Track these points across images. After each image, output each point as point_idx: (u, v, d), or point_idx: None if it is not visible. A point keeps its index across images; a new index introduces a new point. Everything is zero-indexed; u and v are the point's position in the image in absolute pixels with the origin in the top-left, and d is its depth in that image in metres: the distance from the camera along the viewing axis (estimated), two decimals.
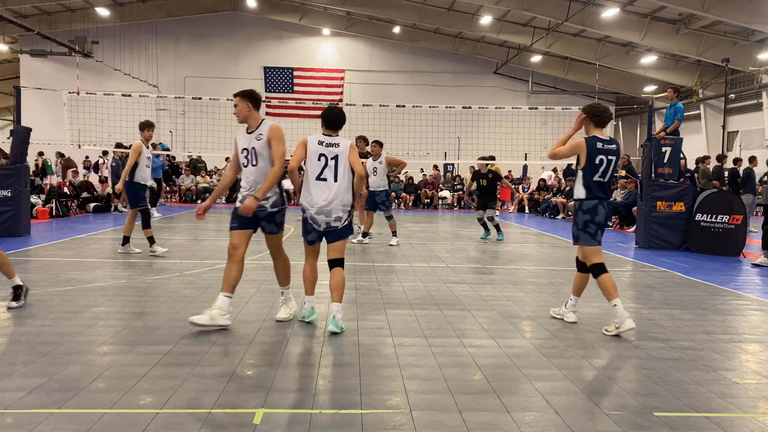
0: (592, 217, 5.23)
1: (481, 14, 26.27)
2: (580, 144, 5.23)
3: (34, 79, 28.10)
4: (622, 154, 5.37)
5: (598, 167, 5.18)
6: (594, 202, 5.23)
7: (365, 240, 11.04)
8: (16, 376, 3.82)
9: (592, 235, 5.26)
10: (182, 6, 30.74)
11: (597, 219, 5.23)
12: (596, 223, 5.24)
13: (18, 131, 11.39)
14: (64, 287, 6.58)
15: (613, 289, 5.11)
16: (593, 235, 5.27)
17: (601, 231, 5.30)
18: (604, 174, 5.22)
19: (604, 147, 5.19)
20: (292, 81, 31.42)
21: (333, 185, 4.95)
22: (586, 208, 5.24)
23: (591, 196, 5.23)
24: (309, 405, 3.47)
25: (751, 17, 20.01)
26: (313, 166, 4.99)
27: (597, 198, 5.22)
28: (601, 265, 5.24)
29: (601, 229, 5.31)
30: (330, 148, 4.99)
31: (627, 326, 5.01)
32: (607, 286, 5.14)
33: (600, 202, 5.23)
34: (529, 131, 22.90)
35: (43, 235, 11.54)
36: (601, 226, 5.29)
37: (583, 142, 5.23)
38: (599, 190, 5.23)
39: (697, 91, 27.26)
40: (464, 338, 4.94)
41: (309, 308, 5.24)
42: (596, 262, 5.26)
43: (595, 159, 5.16)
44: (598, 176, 5.20)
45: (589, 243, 5.28)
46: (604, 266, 5.25)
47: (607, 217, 5.33)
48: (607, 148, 5.21)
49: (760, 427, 3.35)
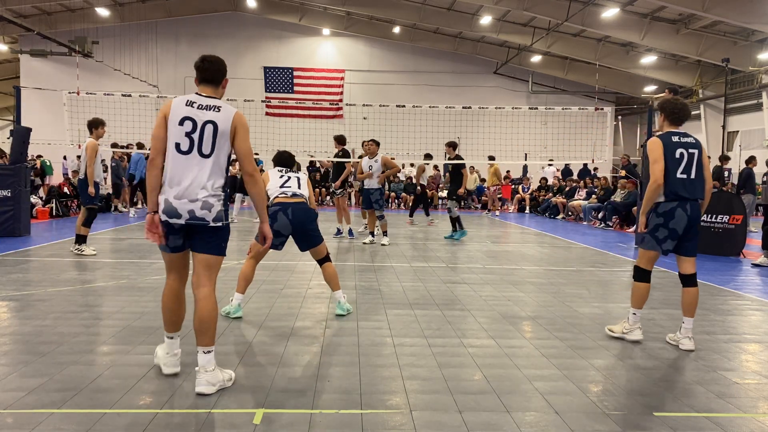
0: (666, 221, 4.69)
1: (481, 14, 26.27)
2: (657, 143, 4.71)
3: (34, 79, 28.11)
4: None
5: (680, 161, 4.66)
6: (673, 204, 4.67)
7: (374, 240, 11.10)
8: (16, 376, 3.82)
9: (660, 241, 4.75)
10: (182, 6, 30.75)
11: (672, 224, 4.67)
12: (669, 229, 4.69)
13: (18, 131, 11.38)
14: (64, 287, 6.57)
15: (642, 301, 4.88)
16: (661, 241, 4.75)
17: (673, 240, 4.73)
18: (688, 169, 4.67)
19: (681, 140, 4.71)
20: (292, 81, 31.42)
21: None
22: (662, 211, 4.71)
23: (672, 197, 4.68)
24: (309, 405, 3.47)
25: (751, 17, 20.02)
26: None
27: (678, 199, 4.67)
28: (647, 273, 4.88)
29: (676, 237, 4.72)
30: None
31: (634, 337, 4.90)
32: (641, 294, 4.87)
33: (680, 204, 4.66)
34: (529, 131, 22.90)
35: (43, 235, 11.54)
36: (675, 234, 4.71)
37: (657, 140, 4.73)
38: (683, 189, 4.66)
39: (697, 91, 27.27)
40: (464, 338, 4.93)
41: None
42: (645, 267, 4.88)
43: (675, 153, 4.67)
44: (681, 172, 4.66)
45: (652, 248, 4.79)
46: (649, 276, 4.90)
47: (689, 224, 4.70)
48: (685, 141, 4.71)
49: (760, 427, 3.35)
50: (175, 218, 3.65)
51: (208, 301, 3.72)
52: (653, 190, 4.67)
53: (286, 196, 5.43)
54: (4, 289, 6.39)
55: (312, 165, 23.48)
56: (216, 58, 3.89)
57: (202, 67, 3.83)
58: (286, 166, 5.80)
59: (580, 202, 18.51)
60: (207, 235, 3.75)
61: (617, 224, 15.99)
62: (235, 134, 3.74)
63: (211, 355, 3.68)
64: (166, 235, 3.73)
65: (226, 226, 3.80)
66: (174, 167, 3.67)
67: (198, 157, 3.67)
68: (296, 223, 5.33)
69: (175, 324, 3.91)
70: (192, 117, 3.66)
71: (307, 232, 5.45)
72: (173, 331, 3.92)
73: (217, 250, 3.80)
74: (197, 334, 3.72)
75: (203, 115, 3.67)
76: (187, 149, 3.66)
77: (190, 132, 3.65)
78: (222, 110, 3.72)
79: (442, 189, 24.11)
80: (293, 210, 5.33)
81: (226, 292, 6.41)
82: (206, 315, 3.70)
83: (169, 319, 3.89)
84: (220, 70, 3.87)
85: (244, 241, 11.05)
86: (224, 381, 3.72)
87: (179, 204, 3.64)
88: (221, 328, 5.02)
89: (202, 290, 3.75)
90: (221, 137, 3.68)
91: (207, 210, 3.67)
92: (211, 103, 3.73)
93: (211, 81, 3.83)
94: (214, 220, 3.70)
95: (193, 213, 3.65)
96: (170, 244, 3.78)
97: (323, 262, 5.60)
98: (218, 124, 3.67)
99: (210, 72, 3.82)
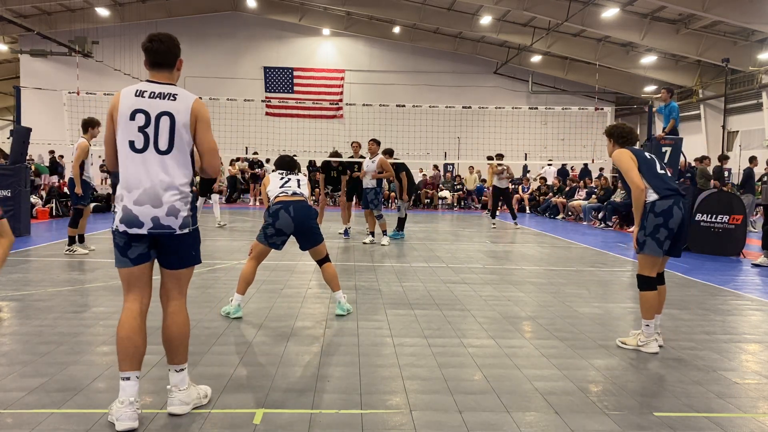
0: (665, 221, 4.58)
1: (481, 14, 26.27)
2: (623, 152, 4.74)
3: (34, 79, 28.10)
4: None
5: (653, 161, 4.74)
6: (669, 202, 4.59)
7: (375, 240, 11.10)
8: (16, 376, 3.82)
9: (661, 242, 4.62)
10: (182, 6, 30.74)
11: (671, 223, 4.59)
12: (669, 228, 4.60)
13: (18, 131, 11.39)
14: (64, 287, 6.57)
15: (653, 311, 4.71)
16: (662, 242, 4.62)
17: (669, 239, 4.64)
18: (663, 167, 4.74)
19: (642, 149, 4.88)
20: (292, 81, 31.42)
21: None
22: (659, 210, 4.59)
23: (665, 193, 4.61)
24: (309, 405, 3.47)
25: (751, 17, 20.02)
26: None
27: (672, 195, 4.62)
28: (651, 280, 4.72)
29: (672, 235, 4.64)
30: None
31: (651, 350, 4.68)
32: (650, 304, 4.70)
33: (675, 201, 4.61)
34: (529, 131, 22.90)
35: (43, 235, 11.55)
36: (673, 233, 4.63)
37: (622, 150, 4.78)
38: (667, 185, 4.65)
39: (697, 91, 27.26)
40: (464, 338, 4.94)
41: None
42: (649, 275, 4.72)
43: (645, 156, 4.75)
44: (659, 169, 4.70)
45: (654, 252, 4.64)
46: (655, 283, 4.74)
47: (681, 222, 4.64)
48: (645, 152, 4.86)
49: (760, 427, 3.35)
50: (135, 228, 3.15)
51: (179, 316, 3.30)
52: (638, 196, 4.63)
53: (286, 195, 5.47)
54: (4, 289, 6.39)
55: (312, 165, 23.48)
56: (167, 35, 3.32)
57: (151, 48, 3.27)
58: (288, 170, 5.85)
59: (580, 202, 18.51)
60: (173, 245, 3.25)
61: (617, 224, 15.99)
62: (196, 127, 3.23)
63: (184, 373, 3.32)
64: (124, 246, 3.21)
65: (194, 231, 3.31)
66: (129, 168, 3.17)
67: (155, 155, 3.17)
68: (298, 220, 5.36)
69: (136, 359, 3.18)
70: (144, 109, 3.16)
71: (309, 230, 5.48)
72: (133, 369, 3.16)
73: (189, 261, 3.33)
74: (167, 352, 3.30)
75: (156, 105, 3.17)
76: (142, 147, 3.16)
77: (144, 126, 3.15)
78: (178, 98, 3.21)
79: (442, 189, 24.15)
80: (294, 207, 5.36)
81: (226, 292, 6.41)
82: (176, 331, 3.27)
83: (128, 354, 3.15)
84: (172, 50, 3.30)
85: (244, 241, 11.05)
86: (199, 398, 3.39)
87: (140, 210, 3.14)
88: (221, 328, 5.03)
89: (172, 303, 3.31)
90: (180, 130, 3.18)
91: (173, 216, 3.17)
92: (165, 90, 3.22)
93: (162, 64, 3.29)
94: (181, 227, 3.21)
95: (157, 221, 3.15)
96: (131, 255, 3.20)
97: (323, 262, 5.62)
98: (175, 115, 3.17)
99: (161, 54, 3.28)
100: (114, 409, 3.13)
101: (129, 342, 3.16)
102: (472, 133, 25.95)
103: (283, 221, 5.33)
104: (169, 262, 3.30)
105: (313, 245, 5.56)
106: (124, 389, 3.13)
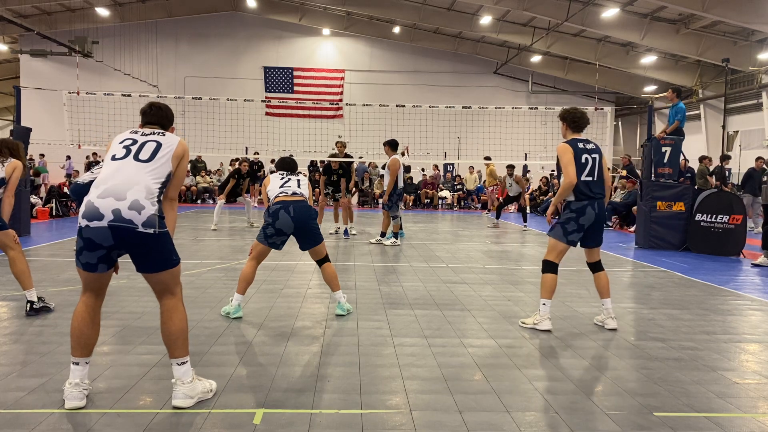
0: (577, 216, 5.12)
1: (481, 14, 26.26)
2: (567, 148, 5.15)
3: (34, 79, 28.12)
4: (619, 153, 5.22)
5: (585, 166, 5.13)
6: (584, 203, 5.12)
7: (386, 242, 11.06)
8: (16, 376, 3.82)
9: (567, 232, 5.16)
10: (182, 6, 30.74)
11: (582, 220, 5.12)
12: (579, 223, 5.13)
13: (18, 131, 11.39)
14: (64, 287, 6.58)
15: (552, 291, 5.18)
16: (568, 232, 5.15)
17: (579, 233, 5.16)
18: (592, 173, 5.14)
19: (585, 147, 5.17)
20: (292, 81, 31.42)
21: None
22: (575, 208, 5.14)
23: (581, 197, 5.13)
24: (309, 405, 3.47)
25: (751, 17, 20.01)
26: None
27: (587, 198, 5.12)
28: (555, 265, 5.21)
29: (582, 231, 5.16)
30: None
31: (544, 327, 5.15)
32: (550, 285, 5.17)
33: (590, 203, 5.11)
34: (529, 131, 22.88)
35: (43, 235, 11.55)
36: (582, 228, 5.15)
37: (566, 145, 5.17)
38: (589, 190, 5.12)
39: (697, 91, 27.26)
40: (464, 338, 4.94)
41: None
42: (554, 261, 5.21)
43: (581, 158, 5.12)
44: (586, 175, 5.13)
45: (559, 238, 5.19)
46: (556, 267, 5.22)
47: (596, 220, 5.16)
48: (588, 147, 5.19)
49: (760, 427, 3.35)
50: (95, 220, 3.15)
51: (174, 312, 3.39)
52: (567, 188, 5.09)
53: (286, 195, 5.48)
54: (4, 289, 6.40)
55: (312, 164, 23.48)
56: (164, 105, 3.72)
57: (149, 112, 3.66)
58: (288, 171, 5.86)
59: None
60: (142, 249, 3.25)
61: (617, 224, 15.99)
62: (182, 159, 3.50)
63: (186, 366, 3.40)
64: (79, 249, 3.26)
65: (161, 234, 3.28)
66: (103, 172, 3.35)
67: (133, 162, 3.34)
68: (298, 220, 5.36)
69: (87, 347, 3.39)
70: (134, 138, 3.48)
71: (309, 230, 5.48)
72: (84, 355, 3.38)
73: (162, 265, 3.35)
74: (167, 347, 3.41)
75: (146, 137, 3.49)
76: (122, 156, 3.37)
77: (129, 145, 3.43)
78: (167, 135, 3.55)
79: (442, 189, 24.15)
80: (294, 207, 5.36)
81: (226, 292, 6.41)
82: (173, 327, 3.38)
83: (79, 343, 3.37)
84: (167, 117, 3.69)
85: (244, 241, 11.05)
86: (205, 392, 3.47)
87: (102, 203, 3.17)
88: (221, 328, 5.03)
89: (165, 302, 3.41)
90: (163, 151, 3.42)
91: (135, 211, 3.16)
92: (156, 130, 3.57)
93: (155, 124, 3.65)
94: (144, 224, 3.18)
95: (118, 213, 3.14)
96: (81, 259, 3.26)
97: (323, 262, 5.62)
98: (161, 142, 3.46)
99: (157, 117, 3.66)
100: (65, 390, 3.37)
101: (79, 332, 3.39)
102: (472, 133, 25.98)
103: (283, 221, 5.34)
104: (143, 266, 3.37)
105: (313, 245, 5.56)
106: (74, 372, 3.39)
